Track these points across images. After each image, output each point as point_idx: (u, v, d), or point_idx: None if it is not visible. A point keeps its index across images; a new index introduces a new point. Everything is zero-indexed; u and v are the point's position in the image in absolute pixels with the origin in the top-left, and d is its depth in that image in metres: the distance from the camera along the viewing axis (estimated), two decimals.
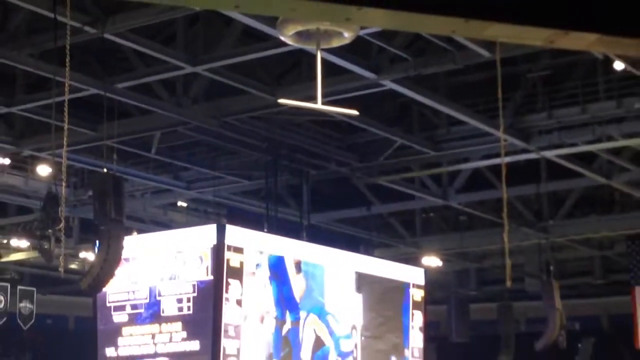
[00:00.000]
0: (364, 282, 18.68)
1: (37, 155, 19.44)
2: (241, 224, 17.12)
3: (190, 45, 15.17)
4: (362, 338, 18.58)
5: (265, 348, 16.67)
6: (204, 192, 21.96)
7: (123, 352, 16.77)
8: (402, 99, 17.74)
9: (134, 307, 16.73)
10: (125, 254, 14.12)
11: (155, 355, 16.45)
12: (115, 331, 16.85)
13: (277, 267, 17.10)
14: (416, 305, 20.19)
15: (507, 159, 17.23)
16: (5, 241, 23.71)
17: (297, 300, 17.51)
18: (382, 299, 19.25)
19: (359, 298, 18.60)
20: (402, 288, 19.65)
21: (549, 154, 18.96)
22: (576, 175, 20.74)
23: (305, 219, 21.08)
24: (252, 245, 16.59)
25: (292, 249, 17.61)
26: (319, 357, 17.82)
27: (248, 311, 16.36)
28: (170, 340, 16.29)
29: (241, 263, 16.27)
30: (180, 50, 15.13)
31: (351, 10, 5.70)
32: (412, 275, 20.32)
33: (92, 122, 17.69)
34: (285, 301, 17.24)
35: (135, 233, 17.44)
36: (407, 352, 19.53)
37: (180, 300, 16.24)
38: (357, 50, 14.56)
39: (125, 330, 16.76)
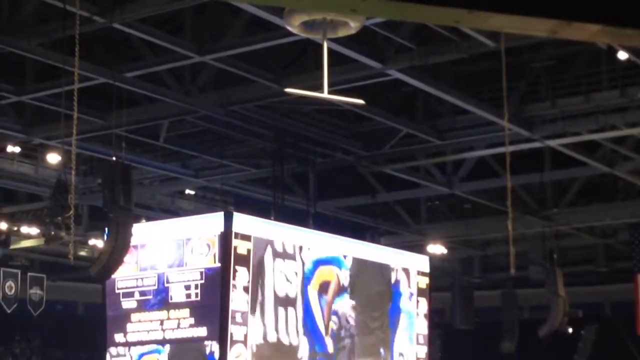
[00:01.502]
0: (356, 286, 18.89)
1: (46, 143, 19.59)
2: (248, 211, 17.27)
3: (198, 35, 15.29)
4: (355, 335, 18.80)
5: None
6: (211, 180, 22.10)
7: (132, 337, 16.95)
8: (408, 88, 17.85)
9: (142, 293, 16.90)
10: (133, 241, 14.28)
11: (164, 341, 16.64)
12: (124, 317, 17.03)
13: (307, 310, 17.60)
14: (421, 293, 20.36)
15: (512, 148, 17.35)
16: (15, 228, 23.87)
17: (323, 334, 17.90)
18: (371, 301, 19.42)
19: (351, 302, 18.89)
20: (390, 291, 19.83)
21: (553, 142, 19.08)
22: (580, 164, 20.84)
23: (312, 207, 21.24)
24: (259, 233, 16.77)
25: (301, 239, 17.79)
26: None
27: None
28: (178, 327, 16.47)
29: (248, 250, 16.43)
30: (188, 39, 15.26)
31: (356, 1, 5.81)
32: (416, 263, 20.48)
33: (101, 111, 17.84)
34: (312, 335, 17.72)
35: (143, 220, 17.64)
36: (393, 346, 19.77)
37: (188, 287, 16.40)
38: (363, 40, 14.68)
39: (134, 316, 16.94)
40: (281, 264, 17.23)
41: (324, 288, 18.07)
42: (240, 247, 16.34)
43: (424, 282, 20.50)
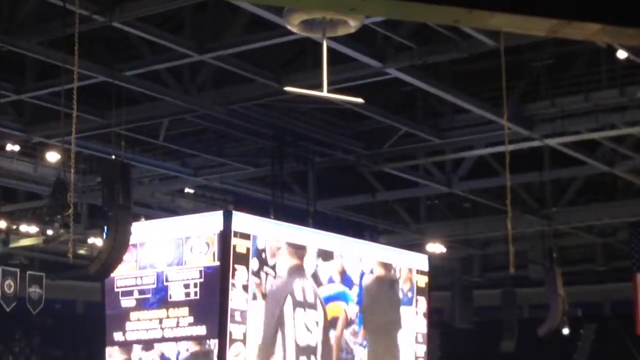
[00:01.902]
0: (366, 318, 18.94)
1: (46, 142, 19.58)
2: (248, 210, 17.26)
3: (198, 34, 15.30)
4: None
5: None
6: (210, 178, 22.10)
7: (131, 336, 16.95)
8: (407, 87, 17.85)
9: (141, 292, 16.89)
10: (133, 239, 14.28)
11: (163, 339, 16.64)
12: (123, 316, 17.02)
13: None
14: (420, 292, 20.34)
15: (511, 147, 17.35)
16: (14, 227, 23.87)
17: None
18: (382, 330, 19.48)
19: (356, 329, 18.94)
20: (399, 324, 19.88)
21: (552, 141, 19.09)
22: (579, 163, 20.85)
23: (312, 205, 21.23)
24: (259, 232, 16.75)
25: (299, 237, 17.77)
26: None
27: None
28: (178, 325, 16.46)
29: (247, 249, 16.42)
30: (188, 38, 15.27)
31: (356, 0, 5.81)
32: (415, 262, 20.47)
33: (101, 109, 17.83)
34: None
35: (143, 219, 17.62)
36: None
37: (187, 286, 16.39)
38: (362, 38, 14.68)
39: (133, 315, 16.93)
40: (302, 314, 17.26)
41: (332, 324, 18.09)
42: (240, 245, 16.33)
43: (423, 281, 20.48)
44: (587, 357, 32.13)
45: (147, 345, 16.79)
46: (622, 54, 15.77)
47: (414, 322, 20.09)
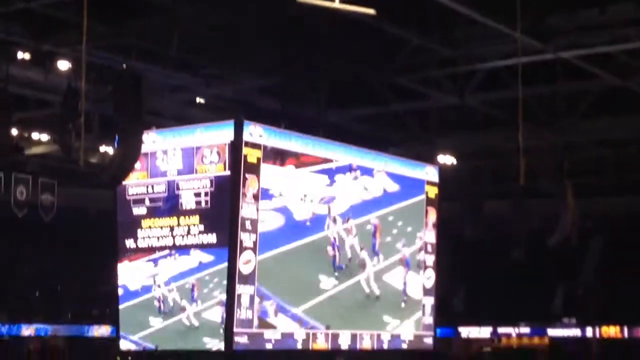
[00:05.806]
0: None
1: (56, 51, 19.48)
2: (259, 120, 17.26)
3: None
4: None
5: None
6: (222, 89, 22.03)
7: (142, 243, 17.16)
8: None
9: (152, 200, 17.06)
10: (144, 148, 14.37)
11: (174, 247, 16.84)
12: (134, 223, 17.22)
13: None
14: (430, 202, 20.47)
15: (524, 59, 17.28)
16: (26, 134, 23.86)
17: None
18: None
19: None
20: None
21: (566, 54, 18.94)
22: (592, 77, 20.72)
23: (323, 116, 21.20)
24: (269, 142, 16.78)
25: (311, 148, 17.82)
26: None
27: None
28: (188, 233, 16.65)
29: (258, 159, 16.48)
30: None
31: None
32: (427, 173, 20.52)
33: (113, 20, 17.69)
34: None
35: (154, 128, 17.67)
36: None
37: (198, 194, 16.55)
38: None
39: (144, 222, 17.13)
40: None
41: None
42: (251, 155, 16.39)
43: (433, 192, 20.59)
44: (594, 268, 32.37)
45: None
46: None
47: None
